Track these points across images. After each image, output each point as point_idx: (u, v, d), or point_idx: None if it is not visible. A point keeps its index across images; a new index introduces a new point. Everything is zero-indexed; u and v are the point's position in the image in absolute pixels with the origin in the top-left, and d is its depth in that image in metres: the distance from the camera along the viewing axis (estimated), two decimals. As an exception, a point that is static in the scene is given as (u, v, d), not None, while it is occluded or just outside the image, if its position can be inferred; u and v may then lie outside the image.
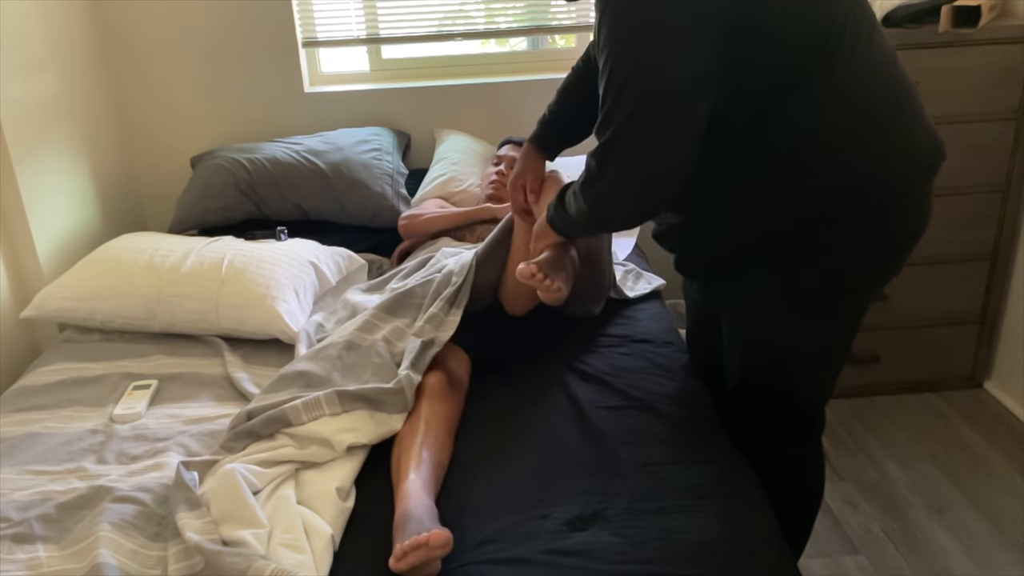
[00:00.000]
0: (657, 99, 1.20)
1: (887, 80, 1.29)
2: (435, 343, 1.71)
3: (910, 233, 1.38)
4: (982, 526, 2.05)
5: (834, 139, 1.26)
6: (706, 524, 1.30)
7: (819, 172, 1.28)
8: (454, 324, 1.74)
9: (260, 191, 2.43)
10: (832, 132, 1.26)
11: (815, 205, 1.30)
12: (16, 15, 2.18)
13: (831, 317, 1.42)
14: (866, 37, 1.26)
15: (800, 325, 1.41)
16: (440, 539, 1.20)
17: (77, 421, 1.69)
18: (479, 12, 2.75)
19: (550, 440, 1.54)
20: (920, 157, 1.33)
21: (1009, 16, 2.34)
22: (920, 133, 1.33)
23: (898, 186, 1.31)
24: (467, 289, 1.79)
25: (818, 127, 1.25)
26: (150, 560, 1.30)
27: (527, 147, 1.77)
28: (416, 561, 1.19)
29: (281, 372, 1.67)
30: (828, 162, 1.27)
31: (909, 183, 1.33)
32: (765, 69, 1.22)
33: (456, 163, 2.58)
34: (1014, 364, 2.49)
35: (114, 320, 2.01)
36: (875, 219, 1.31)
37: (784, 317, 1.41)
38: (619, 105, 1.22)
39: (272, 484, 1.43)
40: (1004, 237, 2.42)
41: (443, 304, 1.77)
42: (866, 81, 1.26)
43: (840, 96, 1.24)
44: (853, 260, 1.35)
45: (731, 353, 1.55)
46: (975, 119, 2.29)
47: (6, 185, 2.16)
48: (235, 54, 2.66)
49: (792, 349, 1.45)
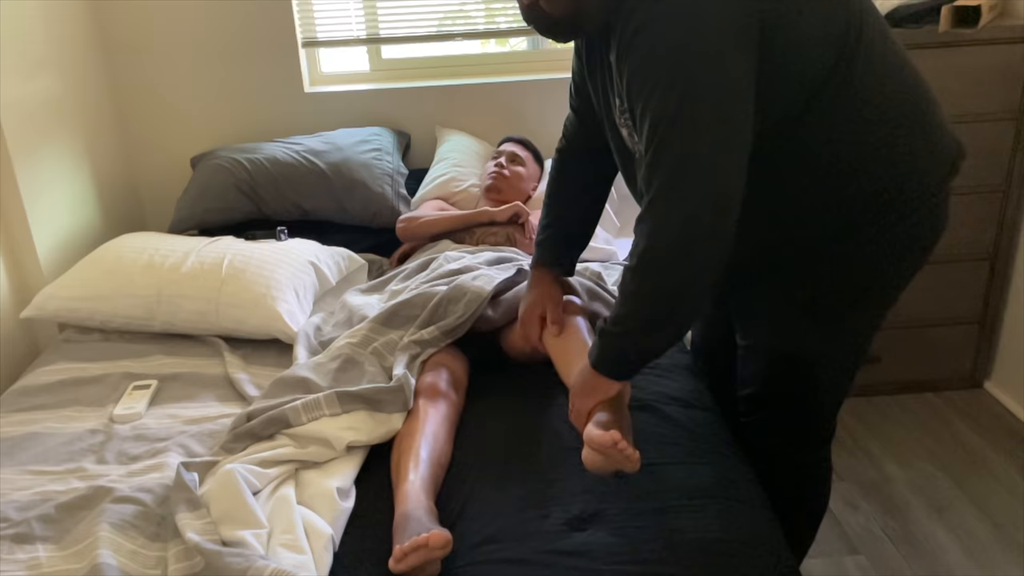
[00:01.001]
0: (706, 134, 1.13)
1: (903, 84, 1.27)
2: (422, 355, 1.70)
3: (931, 237, 1.36)
4: (982, 526, 2.05)
5: (854, 148, 1.24)
6: (706, 524, 1.30)
7: (840, 181, 1.26)
8: (442, 343, 1.74)
9: (260, 191, 2.43)
10: (852, 141, 1.24)
11: (836, 215, 1.28)
12: (16, 15, 2.18)
13: (852, 325, 1.40)
14: (880, 42, 1.24)
15: (822, 335, 1.39)
16: (440, 540, 1.20)
17: (77, 421, 1.69)
18: (479, 12, 2.75)
19: (550, 440, 1.54)
20: (941, 160, 1.31)
21: (1009, 16, 2.34)
22: (939, 135, 1.31)
23: (920, 191, 1.29)
24: (466, 327, 1.75)
25: (838, 136, 1.24)
26: (150, 560, 1.30)
27: (535, 276, 1.66)
28: (416, 562, 1.19)
29: (281, 376, 1.67)
30: (848, 171, 1.25)
31: (931, 187, 1.30)
32: (784, 81, 1.19)
33: (457, 163, 2.59)
34: (1014, 364, 2.49)
35: (114, 320, 2.01)
36: (897, 226, 1.30)
37: (806, 327, 1.39)
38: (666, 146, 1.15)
39: (272, 484, 1.43)
40: (1004, 237, 2.42)
41: (437, 333, 1.73)
42: (883, 86, 1.24)
43: (858, 103, 1.23)
44: (875, 268, 1.33)
45: (750, 363, 1.52)
46: (975, 119, 2.29)
47: (6, 185, 2.16)
48: (235, 54, 2.66)
49: (814, 358, 1.42)
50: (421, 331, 1.74)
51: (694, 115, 1.13)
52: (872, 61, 1.23)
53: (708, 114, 1.13)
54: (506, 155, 2.43)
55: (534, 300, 1.64)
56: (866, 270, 1.34)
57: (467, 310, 1.74)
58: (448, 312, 1.77)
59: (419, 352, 1.71)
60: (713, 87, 1.12)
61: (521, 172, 2.42)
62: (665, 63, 1.14)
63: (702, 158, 1.14)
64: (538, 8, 1.27)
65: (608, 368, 1.32)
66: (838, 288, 1.35)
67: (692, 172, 1.15)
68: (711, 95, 1.12)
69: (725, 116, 1.14)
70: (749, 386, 1.54)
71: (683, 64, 1.13)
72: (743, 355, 1.52)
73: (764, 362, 1.48)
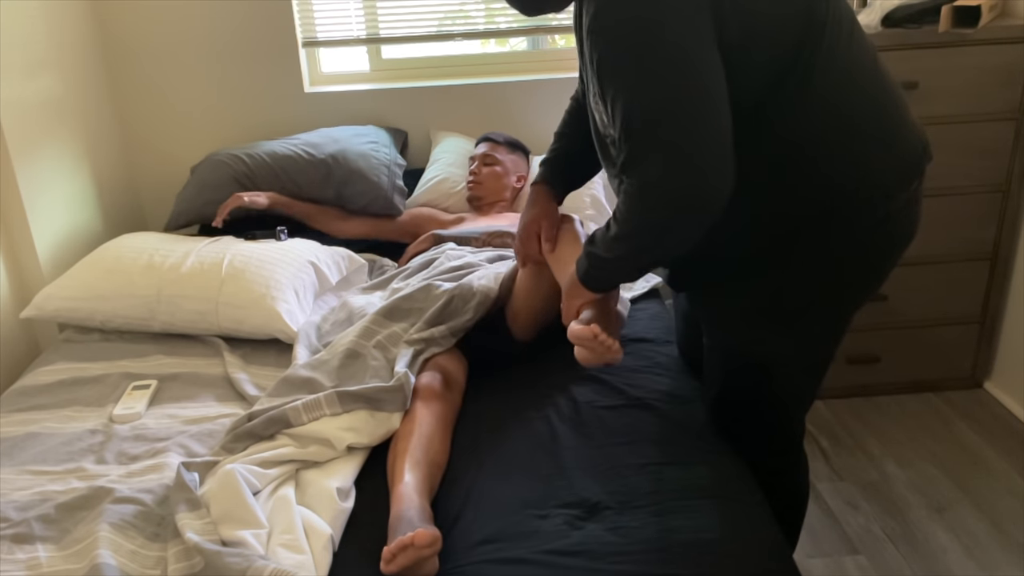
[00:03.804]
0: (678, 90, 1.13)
1: (867, 80, 1.25)
2: (427, 351, 1.71)
3: (895, 241, 1.34)
4: (982, 526, 2.05)
5: (813, 142, 1.23)
6: (705, 524, 1.30)
7: (799, 176, 1.24)
8: (449, 343, 1.75)
9: (259, 183, 2.42)
10: (809, 138, 1.23)
11: (796, 212, 1.27)
12: (17, 15, 2.18)
13: (813, 327, 1.38)
14: (846, 36, 1.23)
15: (781, 334, 1.38)
16: (425, 538, 1.19)
17: (77, 421, 1.69)
18: (479, 12, 2.75)
19: (549, 440, 1.54)
20: (904, 159, 1.29)
21: (1009, 16, 2.34)
22: (903, 134, 1.29)
23: (881, 190, 1.27)
24: (470, 324, 1.76)
25: (797, 130, 1.22)
26: (150, 560, 1.30)
27: (535, 192, 1.67)
28: (406, 562, 1.19)
29: (285, 376, 1.67)
30: (808, 166, 1.24)
31: (892, 187, 1.28)
32: (746, 69, 1.18)
33: (451, 164, 2.62)
34: (1014, 364, 2.49)
35: (114, 320, 2.01)
36: (858, 225, 1.28)
37: (765, 326, 1.38)
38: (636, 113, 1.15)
39: (272, 484, 1.43)
40: (1004, 237, 2.42)
41: (447, 332, 1.74)
42: (846, 81, 1.23)
43: (819, 97, 1.21)
44: (836, 269, 1.31)
45: (710, 361, 1.51)
46: (975, 119, 2.29)
47: (6, 185, 2.16)
48: (235, 54, 2.66)
49: (772, 358, 1.41)
50: (431, 329, 1.74)
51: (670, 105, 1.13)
52: (834, 57, 1.21)
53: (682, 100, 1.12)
54: (478, 160, 2.48)
55: (532, 218, 1.66)
56: (823, 272, 1.31)
57: (476, 313, 1.76)
58: (457, 311, 1.77)
59: (424, 348, 1.71)
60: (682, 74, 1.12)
61: (496, 170, 2.46)
62: (633, 59, 1.14)
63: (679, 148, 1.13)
64: None
65: (592, 284, 1.43)
66: (795, 289, 1.33)
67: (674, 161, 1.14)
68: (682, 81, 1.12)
69: (699, 98, 1.13)
70: (710, 388, 1.53)
71: (650, 51, 1.12)
72: (706, 356, 1.52)
73: (722, 363, 1.48)
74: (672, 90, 1.13)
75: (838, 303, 1.37)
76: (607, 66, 1.17)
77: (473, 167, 2.48)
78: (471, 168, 2.49)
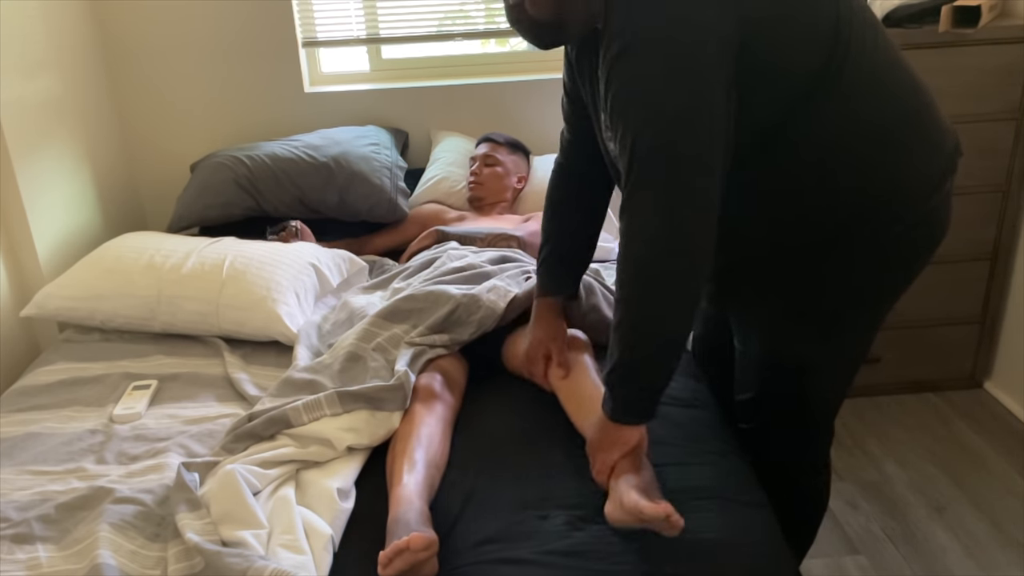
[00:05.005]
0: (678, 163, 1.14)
1: (896, 85, 1.25)
2: (427, 353, 1.70)
3: (930, 240, 1.34)
4: (982, 526, 2.05)
5: (844, 153, 1.23)
6: (706, 524, 1.30)
7: (829, 187, 1.24)
8: (450, 351, 1.74)
9: (260, 186, 2.40)
10: (842, 145, 1.23)
11: (831, 221, 1.27)
12: (17, 15, 2.18)
13: (847, 332, 1.39)
14: (871, 43, 1.22)
15: (816, 342, 1.38)
16: (420, 542, 1.18)
17: (77, 421, 1.69)
18: (479, 12, 2.75)
19: (549, 439, 1.54)
20: (937, 162, 1.29)
21: (1009, 16, 2.34)
22: (935, 136, 1.29)
23: (915, 194, 1.27)
24: (471, 339, 1.75)
25: (827, 141, 1.22)
26: (150, 560, 1.30)
27: (538, 308, 1.62)
28: (402, 566, 1.18)
29: (286, 378, 1.67)
30: (838, 176, 1.24)
31: (926, 190, 1.28)
32: (768, 87, 1.18)
33: (451, 163, 2.62)
34: (1014, 364, 2.49)
35: (114, 320, 2.01)
36: (893, 230, 1.28)
37: (800, 335, 1.38)
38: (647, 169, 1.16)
39: (272, 485, 1.43)
40: (1004, 237, 2.42)
41: (447, 341, 1.73)
42: (875, 89, 1.22)
43: (849, 108, 1.21)
44: (870, 274, 1.32)
45: (744, 365, 1.51)
46: (975, 119, 2.29)
47: (6, 185, 2.16)
48: (235, 54, 2.66)
49: (808, 361, 1.41)
50: (433, 335, 1.73)
51: (672, 149, 1.14)
52: (862, 63, 1.21)
53: (686, 146, 1.13)
54: (478, 160, 2.48)
55: (539, 338, 1.61)
56: (860, 276, 1.32)
57: (479, 328, 1.73)
58: (460, 322, 1.75)
59: (424, 351, 1.70)
60: (692, 119, 1.13)
61: (498, 171, 2.46)
62: (646, 94, 1.14)
63: (677, 188, 1.15)
64: (522, 9, 1.26)
65: (627, 415, 1.30)
66: (831, 295, 1.33)
67: (667, 202, 1.16)
68: (690, 127, 1.13)
69: (702, 146, 1.14)
70: (745, 391, 1.53)
71: (662, 95, 1.13)
72: (739, 360, 1.52)
73: (758, 368, 1.47)
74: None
75: (873, 305, 1.38)
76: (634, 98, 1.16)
77: (474, 167, 2.48)
78: (472, 168, 2.49)
